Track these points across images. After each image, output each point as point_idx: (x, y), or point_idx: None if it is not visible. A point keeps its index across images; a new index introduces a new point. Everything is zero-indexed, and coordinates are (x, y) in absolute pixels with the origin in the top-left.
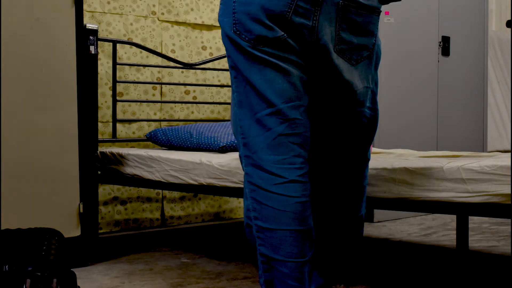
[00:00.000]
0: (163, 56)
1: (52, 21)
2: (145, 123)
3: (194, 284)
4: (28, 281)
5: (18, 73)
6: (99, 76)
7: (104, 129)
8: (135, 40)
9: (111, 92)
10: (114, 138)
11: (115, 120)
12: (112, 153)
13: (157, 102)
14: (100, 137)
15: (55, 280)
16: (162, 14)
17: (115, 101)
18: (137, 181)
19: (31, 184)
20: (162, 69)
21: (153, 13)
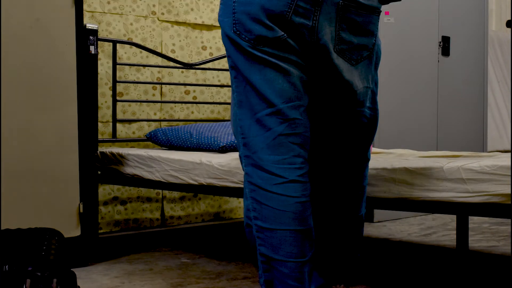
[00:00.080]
0: (163, 56)
1: (52, 21)
2: (145, 123)
3: (194, 284)
4: (28, 281)
5: (18, 73)
6: (99, 76)
7: (104, 129)
8: (135, 40)
9: (111, 92)
10: (114, 138)
11: (115, 120)
12: (112, 153)
13: (157, 102)
14: (100, 137)
15: (55, 280)
16: (162, 14)
17: (115, 101)
18: (137, 181)
19: (31, 184)
20: (162, 69)
21: (153, 13)
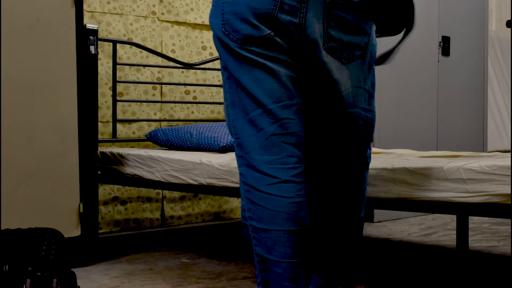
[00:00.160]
0: (163, 56)
1: (52, 21)
2: (145, 123)
3: (194, 284)
4: (28, 281)
5: (18, 73)
6: (99, 76)
7: (104, 129)
8: (135, 40)
9: (111, 92)
10: (114, 138)
11: (115, 120)
12: (112, 153)
13: (157, 102)
14: (100, 137)
15: (55, 280)
16: (162, 14)
17: (115, 101)
18: (137, 181)
19: (31, 184)
20: (162, 69)
21: (153, 13)
